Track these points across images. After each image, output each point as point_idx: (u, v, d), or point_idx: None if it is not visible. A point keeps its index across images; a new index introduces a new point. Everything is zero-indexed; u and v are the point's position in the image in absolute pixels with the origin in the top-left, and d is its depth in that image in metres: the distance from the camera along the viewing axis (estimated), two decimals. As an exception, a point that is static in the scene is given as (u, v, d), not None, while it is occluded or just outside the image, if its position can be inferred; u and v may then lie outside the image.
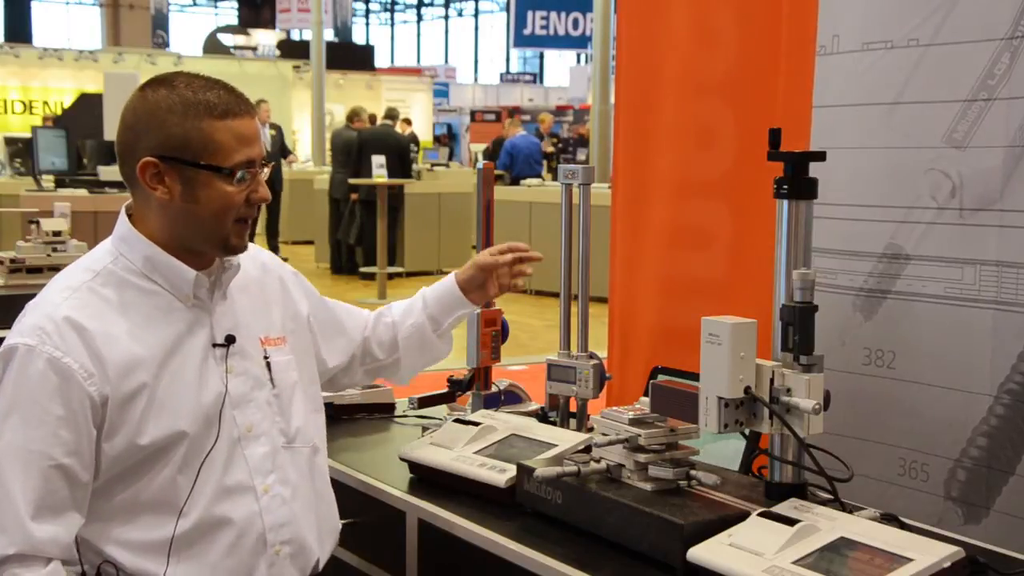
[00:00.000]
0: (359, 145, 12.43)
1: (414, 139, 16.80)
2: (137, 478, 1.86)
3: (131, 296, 1.91)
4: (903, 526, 1.87)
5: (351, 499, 2.26)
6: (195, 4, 46.75)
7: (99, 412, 1.83)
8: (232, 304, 2.01)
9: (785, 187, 1.91)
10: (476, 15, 48.10)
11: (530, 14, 27.22)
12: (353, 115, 13.83)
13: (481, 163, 2.65)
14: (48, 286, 1.94)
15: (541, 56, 42.64)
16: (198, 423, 1.89)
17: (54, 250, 4.10)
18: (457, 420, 2.38)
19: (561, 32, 27.27)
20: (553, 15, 27.10)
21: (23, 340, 1.83)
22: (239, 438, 1.95)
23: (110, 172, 8.70)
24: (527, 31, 27.57)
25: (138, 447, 1.85)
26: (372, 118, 13.91)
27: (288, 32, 32.66)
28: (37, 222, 4.17)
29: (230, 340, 1.97)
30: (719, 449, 2.30)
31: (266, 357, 2.03)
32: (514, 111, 26.56)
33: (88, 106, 10.98)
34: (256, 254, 2.12)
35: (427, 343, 2.36)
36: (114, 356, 1.84)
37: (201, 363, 1.93)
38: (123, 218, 1.97)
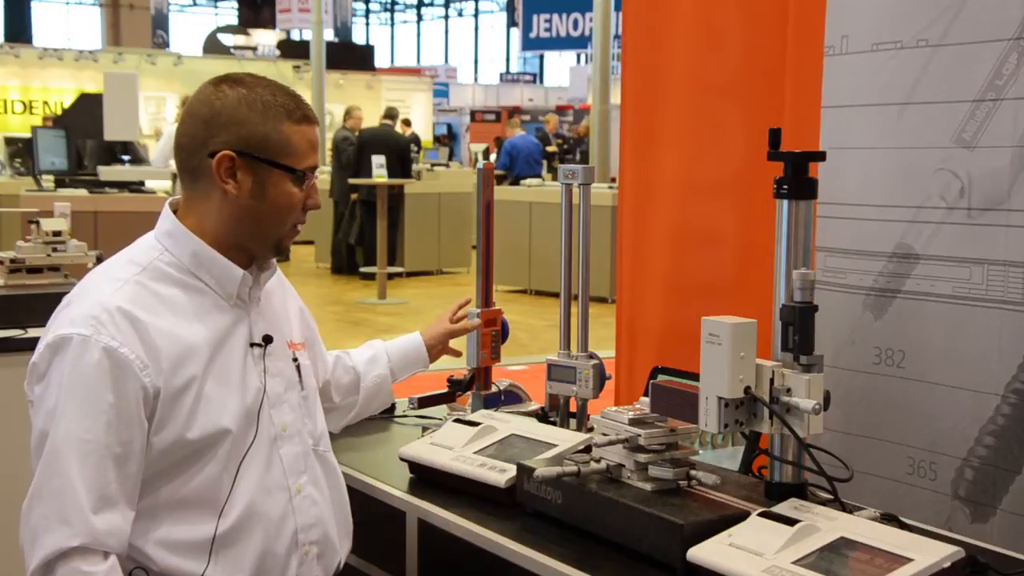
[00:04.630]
0: (359, 145, 12.43)
1: (415, 139, 16.80)
2: (181, 474, 1.87)
3: (176, 292, 1.92)
4: (903, 526, 1.87)
5: (351, 499, 2.26)
6: (195, 4, 46.75)
7: (151, 404, 1.84)
8: (265, 306, 2.04)
9: (785, 187, 1.91)
10: (476, 15, 48.11)
11: (535, 17, 27.37)
12: (346, 114, 13.87)
13: (481, 163, 2.65)
14: (90, 278, 1.95)
15: (541, 56, 42.64)
16: (240, 421, 1.91)
17: (54, 250, 4.08)
18: (457, 420, 2.38)
19: (562, 33, 27.36)
20: (555, 17, 27.22)
21: (76, 330, 1.81)
22: (275, 437, 1.97)
23: (110, 172, 8.70)
24: (533, 34, 27.72)
25: (186, 441, 1.86)
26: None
27: (288, 32, 32.68)
28: (37, 222, 4.15)
29: (267, 340, 1.99)
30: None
31: (295, 359, 2.06)
32: (514, 111, 26.58)
33: (88, 106, 10.95)
34: None
35: (383, 395, 2.49)
36: (166, 348, 1.85)
37: (242, 361, 1.95)
38: (169, 214, 1.98)
